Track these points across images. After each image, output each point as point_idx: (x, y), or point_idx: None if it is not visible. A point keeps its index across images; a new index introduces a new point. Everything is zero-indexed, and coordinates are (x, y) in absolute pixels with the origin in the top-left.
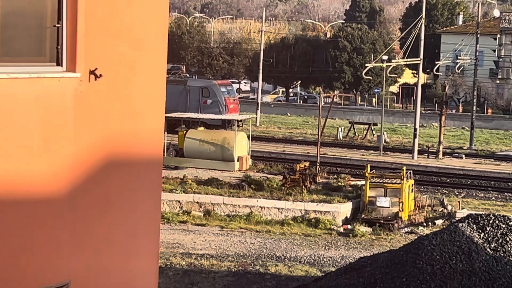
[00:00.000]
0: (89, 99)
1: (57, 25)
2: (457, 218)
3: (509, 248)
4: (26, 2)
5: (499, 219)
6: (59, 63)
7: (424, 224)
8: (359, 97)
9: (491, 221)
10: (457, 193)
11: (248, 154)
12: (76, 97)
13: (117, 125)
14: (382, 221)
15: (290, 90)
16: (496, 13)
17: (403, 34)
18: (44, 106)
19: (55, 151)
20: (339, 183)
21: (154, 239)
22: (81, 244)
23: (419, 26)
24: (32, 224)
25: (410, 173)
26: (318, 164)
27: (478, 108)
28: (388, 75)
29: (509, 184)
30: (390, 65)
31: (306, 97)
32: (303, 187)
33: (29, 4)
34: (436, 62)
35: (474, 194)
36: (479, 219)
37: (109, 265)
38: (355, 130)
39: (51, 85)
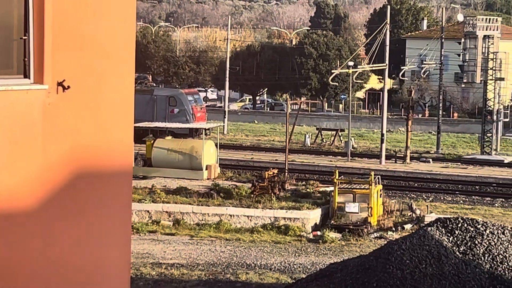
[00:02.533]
0: (57, 111)
1: (24, 37)
2: (425, 222)
3: (478, 251)
4: None
5: (468, 222)
6: (26, 75)
7: (393, 229)
8: (326, 104)
9: (459, 225)
10: (425, 197)
11: (217, 163)
12: (44, 109)
13: (86, 136)
14: (351, 227)
15: (257, 98)
16: (460, 17)
17: (368, 40)
18: (12, 119)
19: (24, 164)
20: (308, 190)
21: (125, 249)
22: (51, 257)
23: (384, 31)
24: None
25: (378, 178)
26: (286, 171)
27: (444, 112)
28: (354, 81)
29: (476, 187)
30: (356, 71)
31: (273, 104)
32: (272, 194)
33: None
34: (402, 67)
35: (442, 198)
36: (448, 222)
37: (80, 276)
38: (323, 137)
39: (18, 98)
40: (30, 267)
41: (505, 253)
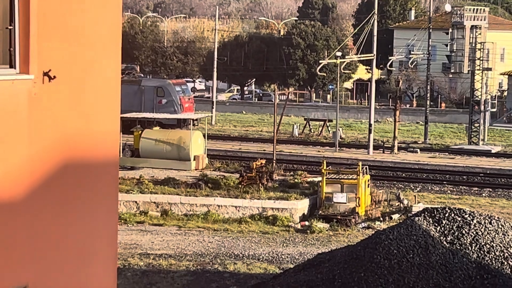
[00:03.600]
0: (43, 101)
1: (9, 27)
2: (413, 212)
3: (465, 241)
4: None
5: (455, 212)
6: (12, 65)
7: (381, 219)
8: (314, 94)
9: (447, 215)
10: (412, 187)
11: (204, 153)
12: (30, 99)
13: (72, 126)
14: (339, 217)
15: (245, 88)
16: (448, 7)
17: (356, 30)
18: None
19: (9, 154)
20: (296, 180)
21: (111, 240)
22: (38, 247)
23: (371, 22)
24: None
25: (366, 168)
26: (274, 161)
27: (431, 103)
28: (342, 71)
29: (464, 177)
30: (344, 61)
31: (261, 94)
32: (260, 184)
33: None
34: (390, 58)
35: (429, 188)
36: (435, 212)
37: (67, 267)
38: (311, 127)
39: (4, 88)
40: (15, 258)
41: (492, 243)
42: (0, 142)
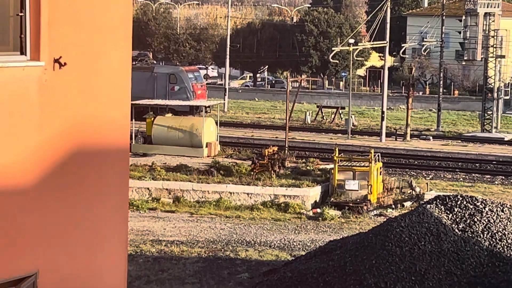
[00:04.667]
0: (54, 87)
1: (20, 14)
2: (425, 200)
3: (477, 229)
4: None
5: (467, 200)
6: (23, 52)
7: (393, 206)
8: (327, 81)
9: (459, 202)
10: (425, 175)
11: (217, 140)
12: (40, 86)
13: (83, 113)
14: (351, 204)
15: (258, 75)
16: None
17: (369, 17)
18: (9, 95)
19: (20, 140)
20: (308, 167)
21: (122, 226)
22: (49, 233)
23: (385, 9)
24: None
25: (378, 155)
26: (286, 148)
27: (444, 90)
28: (355, 58)
29: (477, 165)
30: (357, 49)
31: (273, 81)
32: (272, 172)
33: None
34: (403, 45)
35: (442, 176)
36: (447, 200)
37: (77, 254)
38: (323, 114)
39: (15, 74)
40: (26, 244)
41: (504, 230)
42: (11, 129)
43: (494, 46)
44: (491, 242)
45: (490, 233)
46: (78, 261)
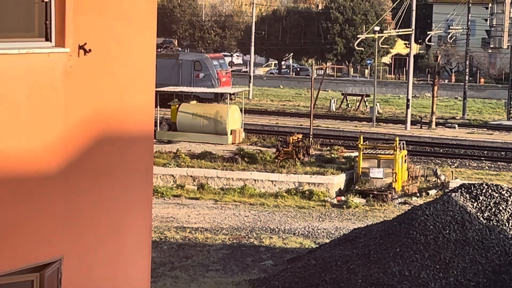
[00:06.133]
0: (78, 74)
1: (45, 0)
2: (450, 188)
3: (502, 217)
4: None
5: (492, 188)
6: (48, 39)
7: (418, 194)
8: (352, 69)
9: (484, 191)
10: (450, 163)
11: (241, 127)
12: (65, 72)
13: (107, 100)
14: (375, 192)
15: (283, 63)
16: None
17: (395, 5)
18: (34, 82)
19: (46, 127)
20: (332, 155)
21: (146, 213)
22: (74, 219)
23: None
24: (23, 200)
25: (403, 143)
26: (311, 136)
27: (470, 78)
28: (380, 46)
29: (502, 153)
30: (382, 36)
31: (298, 69)
32: (297, 159)
33: None
34: (428, 32)
35: (467, 164)
36: (472, 188)
37: (101, 240)
38: (348, 102)
39: (40, 61)
40: (50, 230)
41: None
42: (37, 115)
43: None
44: None
45: None
46: (102, 247)
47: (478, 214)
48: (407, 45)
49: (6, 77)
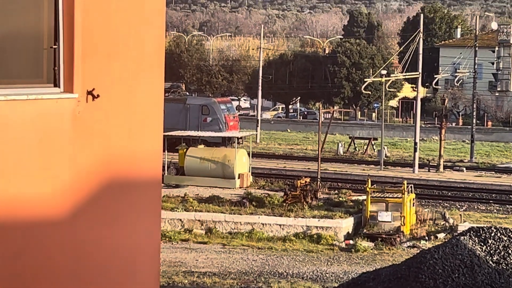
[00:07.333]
0: (87, 119)
1: (54, 47)
2: (459, 232)
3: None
4: (23, 24)
5: (501, 231)
6: (56, 84)
7: (426, 238)
8: (359, 112)
9: (492, 234)
10: (458, 207)
11: (249, 171)
12: (74, 118)
13: (115, 144)
14: (384, 236)
15: (290, 106)
16: (494, 25)
17: (401, 49)
18: (42, 127)
19: (54, 172)
20: (340, 199)
21: (154, 258)
22: (81, 265)
23: (417, 40)
24: (30, 247)
25: (411, 187)
26: (319, 179)
27: (478, 121)
28: (387, 89)
29: (511, 196)
30: (389, 80)
31: (306, 113)
32: (305, 203)
33: (26, 26)
34: (435, 76)
35: (475, 207)
36: (481, 232)
37: (109, 286)
38: (356, 145)
39: (48, 106)
40: (60, 277)
41: None
42: (45, 161)
43: None
44: None
45: None
46: None
47: (487, 257)
48: (414, 88)
49: (15, 123)
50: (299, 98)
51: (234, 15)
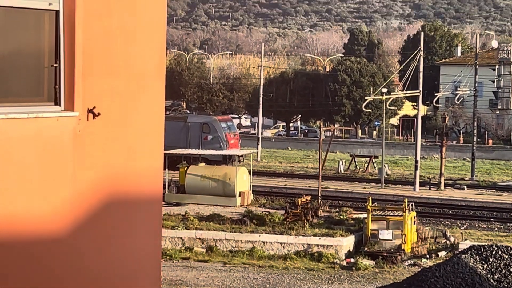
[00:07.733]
0: (87, 138)
1: (54, 65)
2: (460, 250)
3: None
4: (24, 42)
5: (502, 249)
6: (57, 103)
7: (427, 256)
8: (360, 130)
9: (494, 252)
10: (459, 225)
11: (250, 189)
12: (74, 136)
13: (116, 162)
14: (385, 254)
15: (291, 124)
16: (495, 44)
17: (402, 67)
18: (43, 146)
19: (54, 191)
20: (341, 217)
21: (155, 276)
22: (82, 283)
23: (417, 58)
24: (30, 264)
25: (412, 205)
26: (319, 198)
27: (478, 139)
28: (388, 107)
29: (511, 214)
30: (390, 98)
31: (306, 131)
32: (305, 221)
33: (27, 44)
34: (436, 94)
35: (476, 225)
36: (482, 250)
37: None
38: (356, 163)
39: (49, 125)
40: None
41: None
42: (45, 179)
43: None
44: None
45: None
46: None
47: (488, 276)
48: (415, 106)
49: (15, 141)
50: (299, 116)
51: (234, 33)
